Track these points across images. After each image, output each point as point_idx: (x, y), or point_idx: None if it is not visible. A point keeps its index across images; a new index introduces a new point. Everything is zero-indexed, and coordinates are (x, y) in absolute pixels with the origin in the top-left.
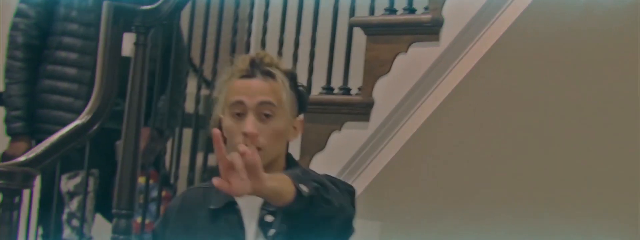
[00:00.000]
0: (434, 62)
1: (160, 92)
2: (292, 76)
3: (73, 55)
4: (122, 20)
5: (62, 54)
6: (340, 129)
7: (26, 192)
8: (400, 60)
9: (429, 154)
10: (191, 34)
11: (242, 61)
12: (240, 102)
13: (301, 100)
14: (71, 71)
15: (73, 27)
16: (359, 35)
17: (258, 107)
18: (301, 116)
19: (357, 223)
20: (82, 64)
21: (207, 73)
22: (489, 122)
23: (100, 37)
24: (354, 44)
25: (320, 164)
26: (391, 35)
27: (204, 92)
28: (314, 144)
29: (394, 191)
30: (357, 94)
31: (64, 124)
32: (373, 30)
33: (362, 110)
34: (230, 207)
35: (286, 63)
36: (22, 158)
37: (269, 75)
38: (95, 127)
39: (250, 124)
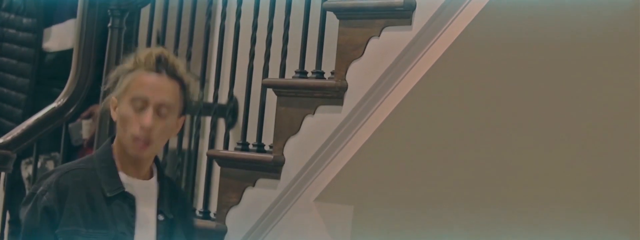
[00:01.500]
0: (406, 46)
1: None
2: (187, 82)
3: (13, 61)
4: (97, 4)
5: (4, 59)
6: (313, 113)
7: None
8: (373, 44)
9: (402, 138)
10: (166, 16)
11: (148, 56)
12: (144, 98)
13: (187, 104)
14: (11, 77)
15: (11, 31)
16: (332, 20)
17: (158, 105)
18: (182, 118)
19: (330, 207)
20: (20, 70)
21: (182, 56)
22: (462, 106)
23: (77, 20)
24: (327, 28)
25: (294, 148)
26: (364, 19)
27: None
28: (288, 128)
29: (367, 175)
30: (330, 78)
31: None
32: (346, 14)
33: (335, 94)
34: (123, 196)
35: (260, 46)
36: None
37: (174, 76)
38: (71, 110)
39: (149, 118)
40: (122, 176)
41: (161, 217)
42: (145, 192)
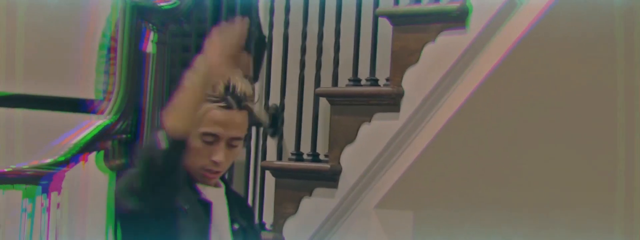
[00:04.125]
0: (463, 51)
1: None
2: (253, 105)
3: None
4: (139, 18)
5: None
6: (370, 121)
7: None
8: (428, 50)
9: (461, 144)
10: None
11: (217, 86)
12: (216, 134)
13: (251, 127)
14: None
15: None
16: (384, 26)
17: (230, 139)
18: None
19: (391, 213)
20: None
21: None
22: (521, 110)
23: (119, 35)
24: (380, 35)
25: (351, 157)
26: (419, 24)
27: None
28: (343, 137)
29: (427, 182)
30: (385, 85)
31: None
32: (400, 19)
33: (391, 101)
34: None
35: (311, 55)
36: (49, 160)
37: (243, 107)
38: (121, 126)
39: (221, 154)
40: (200, 186)
41: (236, 226)
42: (217, 200)
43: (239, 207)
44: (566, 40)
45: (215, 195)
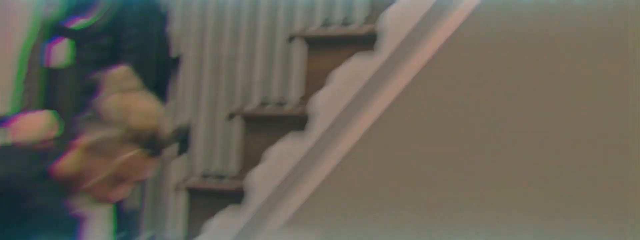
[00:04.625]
0: (373, 74)
1: None
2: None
3: None
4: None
5: None
6: (281, 141)
7: None
8: (340, 72)
9: (370, 164)
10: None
11: (141, 133)
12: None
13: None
14: None
15: None
16: (299, 48)
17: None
18: None
19: (299, 231)
20: None
21: None
22: (427, 137)
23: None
24: (292, 56)
25: (261, 176)
26: (331, 47)
27: None
28: (254, 156)
29: (335, 201)
30: (296, 106)
31: None
32: (313, 42)
33: (302, 122)
34: None
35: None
36: None
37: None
38: None
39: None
40: None
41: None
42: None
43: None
44: (476, 57)
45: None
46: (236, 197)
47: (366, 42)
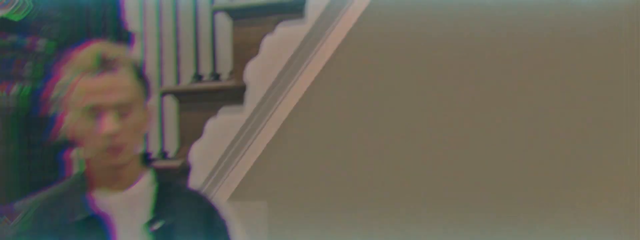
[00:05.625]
0: (302, 40)
1: None
2: (136, 66)
3: None
4: None
5: None
6: (216, 115)
7: None
8: (268, 41)
9: (307, 132)
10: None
11: (86, 57)
12: (97, 105)
13: (147, 88)
14: None
15: None
16: (223, 21)
17: (117, 108)
18: (150, 103)
19: (244, 205)
20: None
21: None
22: (363, 99)
23: None
24: (218, 30)
25: (199, 152)
26: (256, 17)
27: None
28: (191, 133)
29: (276, 171)
30: (228, 79)
31: None
32: (237, 14)
33: (235, 95)
34: (94, 218)
35: (151, 55)
36: None
37: (118, 71)
38: None
39: (110, 123)
40: (97, 194)
41: (156, 226)
42: (128, 203)
43: (170, 201)
44: (396, 26)
45: (125, 199)
46: (176, 176)
47: (292, 9)
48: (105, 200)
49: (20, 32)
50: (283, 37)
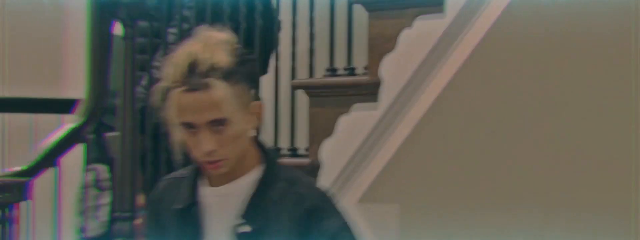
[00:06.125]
0: (440, 36)
1: None
2: (231, 69)
3: None
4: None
5: None
6: (348, 112)
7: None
8: (405, 36)
9: (444, 132)
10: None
11: (177, 67)
12: (190, 123)
13: (251, 78)
14: None
15: None
16: (359, 13)
17: (210, 124)
18: (258, 100)
19: (375, 207)
20: None
21: None
22: (504, 95)
23: (87, 32)
24: (354, 22)
25: (331, 150)
26: (394, 9)
27: None
28: (322, 130)
29: (410, 172)
30: (363, 74)
31: None
32: (374, 6)
33: (369, 91)
34: (191, 208)
35: (284, 47)
36: (18, 168)
37: (209, 84)
38: (88, 129)
39: (205, 142)
40: (203, 184)
41: (244, 229)
42: (225, 199)
43: (272, 202)
44: (544, 20)
45: (224, 194)
46: (306, 173)
47: (431, 2)
48: (205, 193)
49: (152, 18)
50: (421, 32)
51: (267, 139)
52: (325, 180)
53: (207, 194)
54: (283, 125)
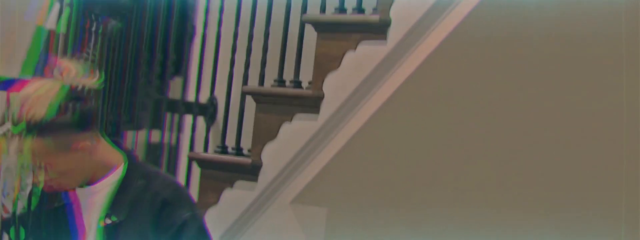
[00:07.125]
0: (381, 60)
1: None
2: (47, 123)
3: None
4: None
5: None
6: (291, 120)
7: None
8: (349, 57)
9: (375, 147)
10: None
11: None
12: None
13: (78, 121)
14: None
15: None
16: (311, 32)
17: (29, 166)
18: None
19: (305, 209)
20: None
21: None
22: (432, 120)
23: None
24: (305, 40)
25: (271, 153)
26: (341, 32)
27: None
28: (266, 134)
29: (341, 180)
30: (307, 88)
31: None
32: (324, 27)
33: (312, 103)
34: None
35: (240, 55)
36: None
37: (21, 135)
38: None
39: (33, 177)
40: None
41: (107, 221)
42: (92, 197)
43: (132, 196)
44: (476, 53)
45: (94, 191)
46: (247, 172)
47: (376, 29)
48: (78, 192)
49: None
50: (363, 55)
51: (216, 138)
52: (263, 180)
53: (78, 193)
54: (231, 127)
